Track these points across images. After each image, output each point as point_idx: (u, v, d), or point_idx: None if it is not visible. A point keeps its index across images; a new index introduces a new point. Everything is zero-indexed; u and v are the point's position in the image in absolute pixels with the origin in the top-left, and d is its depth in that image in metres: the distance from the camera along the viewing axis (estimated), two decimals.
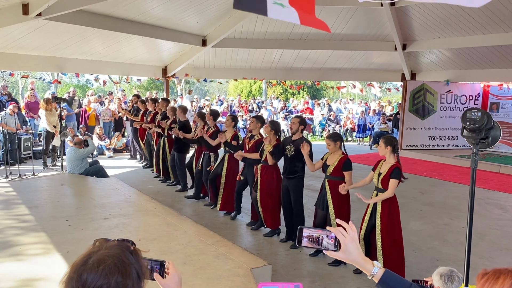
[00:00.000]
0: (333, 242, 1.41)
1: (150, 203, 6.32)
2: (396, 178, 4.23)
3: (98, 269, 1.11)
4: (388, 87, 17.14)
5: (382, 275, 1.44)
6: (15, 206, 6.02)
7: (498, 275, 1.14)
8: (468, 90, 13.58)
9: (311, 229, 1.42)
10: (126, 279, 1.13)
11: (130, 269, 1.15)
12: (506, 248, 5.61)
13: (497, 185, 9.11)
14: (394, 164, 4.31)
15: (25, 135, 10.41)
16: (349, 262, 1.44)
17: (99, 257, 1.14)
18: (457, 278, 2.71)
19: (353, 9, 11.05)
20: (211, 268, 4.04)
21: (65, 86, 28.86)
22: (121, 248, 1.19)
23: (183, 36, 11.49)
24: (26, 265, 4.05)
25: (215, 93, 30.85)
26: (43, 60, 10.18)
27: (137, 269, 1.18)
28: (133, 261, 1.18)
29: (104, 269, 1.11)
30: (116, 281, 1.11)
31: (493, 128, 2.39)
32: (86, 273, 1.11)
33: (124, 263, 1.15)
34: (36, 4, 7.00)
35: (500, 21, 9.80)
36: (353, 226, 1.44)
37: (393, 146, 4.35)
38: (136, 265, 1.18)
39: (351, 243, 1.41)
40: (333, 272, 4.68)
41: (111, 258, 1.14)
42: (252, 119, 6.31)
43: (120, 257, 1.15)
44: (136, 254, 1.21)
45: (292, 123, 5.50)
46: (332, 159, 4.88)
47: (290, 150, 5.36)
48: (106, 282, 1.11)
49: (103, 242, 1.21)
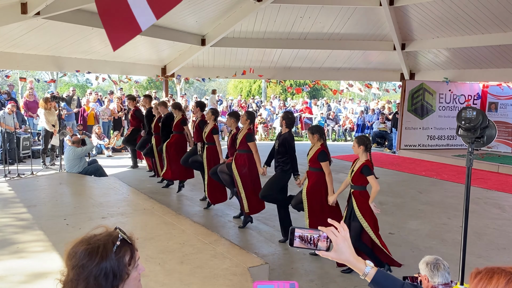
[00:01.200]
0: (325, 242, 1.41)
1: (148, 202, 6.32)
2: (369, 174, 4.44)
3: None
4: (387, 88, 17.15)
5: (375, 274, 1.44)
6: (14, 205, 6.02)
7: (492, 274, 1.13)
8: (467, 89, 13.59)
9: (303, 229, 1.42)
10: (89, 261, 1.27)
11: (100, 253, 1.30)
12: (504, 247, 5.62)
13: (496, 185, 9.12)
14: (364, 162, 4.48)
15: (24, 134, 10.41)
16: (341, 262, 1.45)
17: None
18: (443, 266, 2.79)
19: (352, 9, 11.06)
20: (209, 267, 4.05)
21: (64, 85, 28.87)
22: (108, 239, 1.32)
23: (182, 35, 11.50)
24: (24, 263, 4.05)
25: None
26: (41, 59, 10.19)
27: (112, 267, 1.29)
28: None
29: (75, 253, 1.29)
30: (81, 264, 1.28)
31: (488, 127, 2.39)
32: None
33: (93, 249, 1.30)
34: (35, 3, 7.01)
35: (499, 21, 9.81)
36: (345, 225, 1.45)
37: (365, 145, 4.53)
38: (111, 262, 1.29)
39: (343, 243, 1.41)
40: (330, 271, 4.69)
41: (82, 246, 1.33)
42: (227, 116, 6.56)
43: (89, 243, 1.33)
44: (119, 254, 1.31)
45: (281, 119, 5.77)
46: (312, 151, 5.06)
47: (276, 144, 5.61)
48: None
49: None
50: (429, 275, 2.78)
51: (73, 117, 12.40)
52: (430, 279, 2.78)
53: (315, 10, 11.08)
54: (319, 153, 4.92)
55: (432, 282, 2.78)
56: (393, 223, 6.42)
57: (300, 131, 17.09)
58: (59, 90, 23.83)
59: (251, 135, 5.93)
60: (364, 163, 4.49)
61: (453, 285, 2.82)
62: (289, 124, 5.63)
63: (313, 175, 5.01)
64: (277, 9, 11.10)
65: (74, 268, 1.24)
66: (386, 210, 7.15)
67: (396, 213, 6.96)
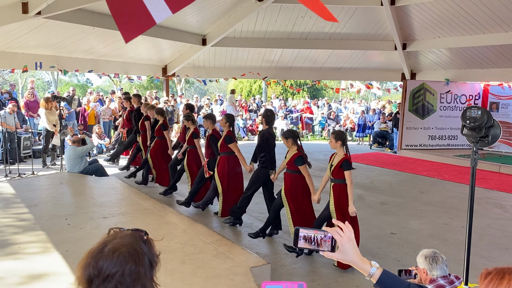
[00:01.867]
0: (329, 242, 1.39)
1: (149, 202, 6.31)
2: (348, 168, 4.61)
3: (113, 256, 1.17)
4: (388, 88, 17.14)
5: (380, 275, 1.43)
6: (15, 205, 6.01)
7: (503, 274, 1.12)
8: (468, 89, 13.57)
9: (308, 229, 1.40)
10: (139, 267, 1.20)
11: (143, 257, 1.21)
12: (506, 247, 5.60)
13: (497, 185, 9.10)
14: (344, 157, 4.65)
15: (25, 134, 10.40)
16: (346, 263, 1.43)
17: (115, 246, 1.20)
18: (441, 259, 2.82)
19: (353, 8, 11.05)
20: (210, 267, 4.03)
21: (65, 85, 28.87)
22: (134, 237, 1.24)
23: (183, 35, 11.49)
24: (25, 263, 4.04)
25: (215, 92, 30.83)
26: (43, 59, 10.17)
27: (149, 257, 1.24)
28: (146, 250, 1.24)
29: (118, 257, 1.17)
30: (129, 269, 1.17)
31: (493, 127, 2.38)
32: (102, 261, 1.17)
33: (137, 252, 1.21)
34: (36, 2, 7.00)
35: (500, 20, 9.79)
36: (350, 226, 1.43)
37: (342, 140, 4.71)
38: (148, 254, 1.24)
39: (348, 243, 1.40)
40: (332, 271, 4.68)
41: (125, 247, 1.19)
42: (203, 118, 6.80)
43: (134, 246, 1.21)
44: (149, 244, 1.27)
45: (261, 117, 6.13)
46: (289, 154, 5.26)
47: (258, 141, 5.86)
48: (121, 269, 1.17)
49: (118, 231, 1.27)
50: (428, 268, 2.80)
51: (74, 117, 12.39)
52: (429, 272, 2.80)
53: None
54: (296, 158, 5.06)
55: (430, 275, 2.80)
56: (395, 223, 6.41)
57: (301, 130, 17.07)
58: (59, 90, 23.82)
59: (230, 137, 6.08)
60: (343, 157, 4.65)
61: (451, 278, 2.83)
62: (268, 122, 5.83)
63: (290, 177, 5.17)
64: (278, 9, 11.09)
65: (116, 275, 1.15)
66: (387, 210, 7.14)
67: (397, 213, 6.95)
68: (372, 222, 6.45)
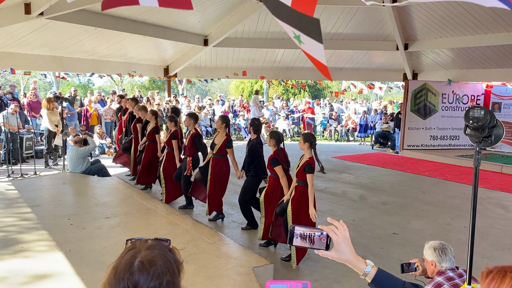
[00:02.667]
0: (325, 241, 1.39)
1: (151, 202, 6.32)
2: (310, 172, 4.61)
3: (150, 270, 1.14)
4: (390, 86, 17.13)
5: (375, 274, 1.43)
6: (17, 205, 6.03)
7: (504, 273, 1.12)
8: (470, 90, 13.56)
9: (304, 227, 1.39)
10: (175, 278, 1.18)
11: (175, 267, 1.20)
12: (508, 247, 5.60)
13: (499, 185, 9.09)
14: (307, 160, 4.64)
15: (27, 135, 10.43)
16: (341, 261, 1.43)
17: (148, 258, 1.16)
18: (449, 250, 2.77)
19: (354, 9, 11.04)
20: (213, 266, 4.04)
21: (66, 85, 28.91)
22: (162, 247, 1.22)
23: (185, 35, 11.50)
24: (28, 262, 4.06)
25: (217, 92, 30.85)
26: (45, 59, 10.21)
27: (177, 266, 1.23)
28: (174, 260, 1.22)
29: (156, 270, 1.15)
30: (167, 281, 1.16)
31: (496, 127, 2.38)
32: (137, 275, 1.14)
33: (170, 263, 1.19)
34: (38, 3, 7.02)
35: (502, 20, 9.78)
36: (345, 225, 1.42)
37: (310, 142, 4.69)
38: (176, 263, 1.23)
39: (343, 242, 1.40)
40: (334, 271, 4.68)
41: (160, 259, 1.17)
42: (186, 116, 6.94)
43: (167, 257, 1.20)
44: (173, 252, 1.26)
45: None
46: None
47: (247, 149, 5.89)
48: (159, 282, 1.14)
49: (140, 242, 1.22)
50: (437, 260, 2.70)
51: (76, 117, 12.42)
52: (438, 264, 2.70)
53: (318, 10, 11.06)
54: (271, 160, 5.10)
55: (439, 267, 2.70)
56: (397, 223, 6.41)
57: (303, 131, 17.07)
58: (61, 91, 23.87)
59: (230, 141, 6.17)
60: (307, 160, 4.65)
61: (459, 270, 2.77)
62: (256, 130, 5.90)
63: (271, 179, 5.29)
64: None
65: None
66: (389, 210, 7.14)
67: (399, 213, 6.95)
68: (374, 222, 6.45)
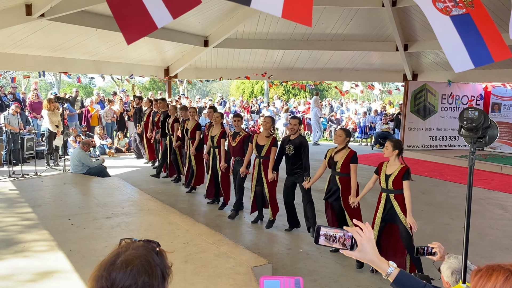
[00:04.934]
0: (349, 241, 1.45)
1: (152, 202, 6.36)
2: (408, 179, 4.47)
3: (126, 269, 1.16)
4: (389, 89, 17.19)
5: (397, 275, 1.48)
6: (19, 205, 6.07)
7: (491, 272, 1.16)
8: (470, 90, 13.59)
9: (328, 228, 1.46)
10: (153, 279, 1.18)
11: (156, 270, 1.20)
12: (507, 247, 5.63)
13: (498, 186, 9.12)
14: (404, 166, 4.52)
15: (28, 135, 10.47)
16: (365, 262, 1.49)
17: (127, 258, 1.18)
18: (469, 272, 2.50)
19: (354, 10, 11.08)
20: (212, 266, 4.08)
21: (67, 86, 28.98)
22: (147, 249, 1.23)
23: (185, 36, 11.55)
24: (30, 262, 4.09)
25: (217, 93, 30.89)
26: (46, 60, 10.25)
27: (162, 269, 1.23)
28: (158, 262, 1.23)
29: (132, 270, 1.16)
30: (143, 281, 1.16)
31: (490, 127, 2.41)
32: (115, 272, 1.16)
33: (150, 264, 1.19)
34: (39, 4, 7.07)
35: (501, 20, 9.78)
36: (369, 226, 1.49)
37: (400, 150, 4.59)
38: (161, 265, 1.23)
39: (367, 243, 1.46)
40: (333, 271, 4.71)
41: (139, 259, 1.18)
42: (234, 117, 6.83)
43: (147, 258, 1.20)
44: (161, 255, 1.26)
45: (292, 124, 5.73)
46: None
47: (290, 149, 5.65)
48: (134, 282, 1.15)
49: (130, 242, 1.25)
50: (452, 284, 2.54)
51: (76, 118, 12.47)
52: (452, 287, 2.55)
53: (318, 11, 11.11)
54: (352, 156, 5.13)
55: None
56: None
57: (303, 131, 17.11)
58: (62, 91, 23.93)
59: (277, 142, 6.08)
60: (404, 167, 4.55)
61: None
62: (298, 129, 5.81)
63: (343, 180, 5.18)
64: None
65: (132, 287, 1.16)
66: None
67: None
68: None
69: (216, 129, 7.01)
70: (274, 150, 5.93)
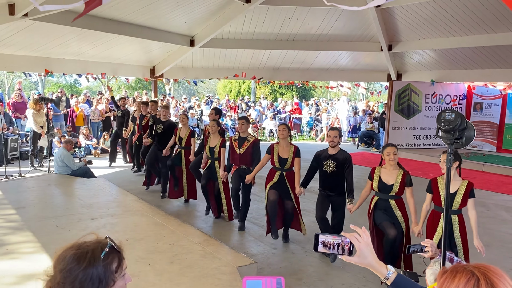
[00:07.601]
0: (348, 247, 1.50)
1: (137, 203, 6.36)
2: (473, 196, 4.02)
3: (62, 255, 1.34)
4: (371, 91, 17.42)
5: (395, 278, 1.53)
6: (2, 206, 6.01)
7: (455, 274, 1.20)
8: (453, 90, 13.82)
9: (327, 235, 1.51)
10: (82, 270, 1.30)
11: (86, 259, 1.32)
12: (487, 244, 5.73)
13: (480, 184, 9.29)
14: (470, 183, 4.00)
15: (12, 136, 10.34)
16: (364, 266, 1.53)
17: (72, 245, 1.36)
18: None
19: (339, 10, 11.17)
20: (198, 266, 4.11)
21: (52, 85, 28.63)
22: (95, 245, 1.35)
23: (171, 36, 11.51)
24: (14, 264, 4.07)
25: (204, 92, 30.83)
26: (30, 60, 10.12)
27: (99, 272, 1.32)
28: (97, 262, 1.32)
29: (65, 257, 1.32)
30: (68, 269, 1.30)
31: (466, 129, 2.49)
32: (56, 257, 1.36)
33: (81, 255, 1.32)
34: (22, 4, 6.98)
35: (483, 23, 10.01)
36: (367, 231, 1.53)
37: (460, 161, 4.07)
38: (99, 268, 1.32)
39: (365, 248, 1.50)
40: (318, 270, 4.78)
41: (76, 249, 1.33)
42: (240, 121, 6.06)
43: (85, 251, 1.33)
44: (106, 258, 1.34)
45: (332, 136, 4.96)
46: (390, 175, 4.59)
47: (331, 167, 4.95)
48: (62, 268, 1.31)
49: (96, 238, 1.40)
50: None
51: (62, 118, 12.35)
52: None
53: (303, 11, 11.18)
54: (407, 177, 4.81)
55: None
56: None
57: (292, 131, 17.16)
58: (46, 90, 23.64)
59: (299, 150, 5.54)
60: (470, 183, 4.02)
61: None
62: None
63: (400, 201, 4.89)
64: (265, 11, 11.18)
65: (62, 272, 1.29)
66: None
67: None
68: (358, 221, 6.55)
69: (215, 139, 6.29)
70: (297, 160, 5.32)
